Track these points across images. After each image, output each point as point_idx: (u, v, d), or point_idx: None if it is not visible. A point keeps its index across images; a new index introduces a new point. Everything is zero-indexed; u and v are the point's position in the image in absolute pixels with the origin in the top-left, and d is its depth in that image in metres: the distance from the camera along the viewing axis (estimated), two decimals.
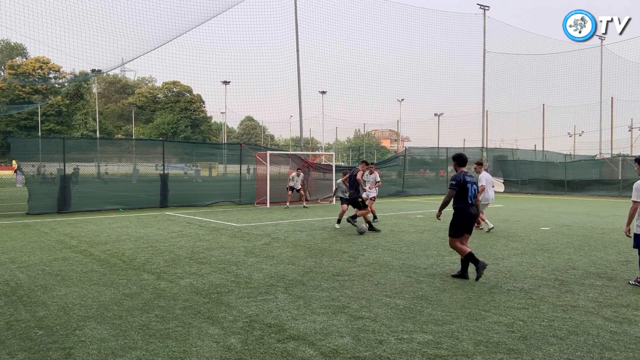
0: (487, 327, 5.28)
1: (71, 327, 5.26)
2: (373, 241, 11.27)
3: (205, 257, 9.33)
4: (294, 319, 5.54)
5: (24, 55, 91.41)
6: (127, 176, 34.58)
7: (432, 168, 34.04)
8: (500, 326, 5.32)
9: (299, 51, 26.29)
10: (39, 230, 13.25)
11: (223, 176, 38.17)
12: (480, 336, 5.01)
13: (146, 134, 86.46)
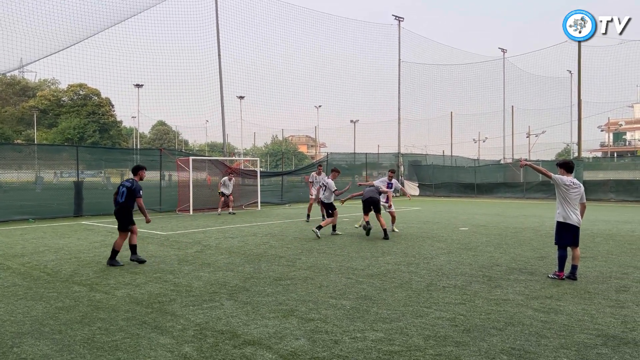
0: (432, 323, 5.57)
1: (6, 344, 4.89)
2: (307, 245, 11.39)
3: (136, 266, 8.98)
4: (245, 325, 5.52)
5: None
6: (29, 184, 32.27)
7: (352, 173, 34.88)
8: (443, 321, 5.63)
9: (220, 55, 25.97)
10: None
11: None
12: (428, 331, 5.28)
13: (50, 139, 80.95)
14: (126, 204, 9.26)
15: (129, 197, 9.23)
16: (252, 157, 36.49)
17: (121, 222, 9.32)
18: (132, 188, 9.25)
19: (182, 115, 77.52)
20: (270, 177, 30.12)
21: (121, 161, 31.48)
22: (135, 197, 9.22)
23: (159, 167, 22.88)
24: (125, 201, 9.24)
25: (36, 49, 23.25)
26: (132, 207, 9.34)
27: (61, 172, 34.70)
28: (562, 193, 7.68)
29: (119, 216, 9.30)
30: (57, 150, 37.44)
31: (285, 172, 31.47)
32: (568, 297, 6.66)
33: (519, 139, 56.30)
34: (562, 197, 7.69)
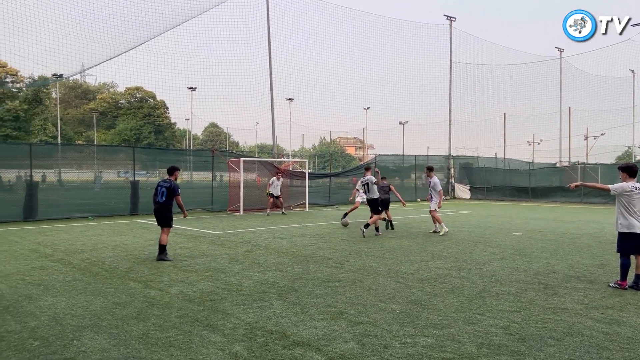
0: (485, 330, 5.41)
1: (67, 337, 5.11)
2: (355, 247, 11.35)
3: (189, 264, 9.20)
4: (294, 326, 5.53)
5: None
6: (89, 183, 33.70)
7: (400, 175, 34.52)
8: (497, 329, 5.46)
9: (271, 58, 26.29)
10: (8, 239, 12.76)
11: (189, 183, 37.68)
12: (481, 339, 5.13)
13: (108, 140, 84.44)
14: (166, 203, 9.84)
15: (168, 196, 9.80)
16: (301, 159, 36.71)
17: (163, 219, 9.84)
18: (172, 187, 9.82)
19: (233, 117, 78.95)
20: (318, 178, 30.23)
21: (175, 162, 32.33)
22: (174, 195, 9.82)
23: (211, 168, 23.41)
24: (165, 200, 9.81)
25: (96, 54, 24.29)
26: (171, 205, 9.92)
27: (118, 172, 36.11)
28: (624, 201, 7.29)
29: (161, 214, 9.85)
30: (115, 151, 38.98)
31: (333, 174, 31.50)
32: (631, 308, 6.32)
33: (576, 142, 54.04)
34: (625, 205, 7.29)
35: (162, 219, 9.83)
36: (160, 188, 9.86)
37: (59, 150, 30.72)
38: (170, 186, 9.80)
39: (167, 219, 9.81)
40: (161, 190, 9.83)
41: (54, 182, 28.03)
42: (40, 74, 72.73)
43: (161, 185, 9.90)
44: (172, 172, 10.12)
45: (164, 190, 9.80)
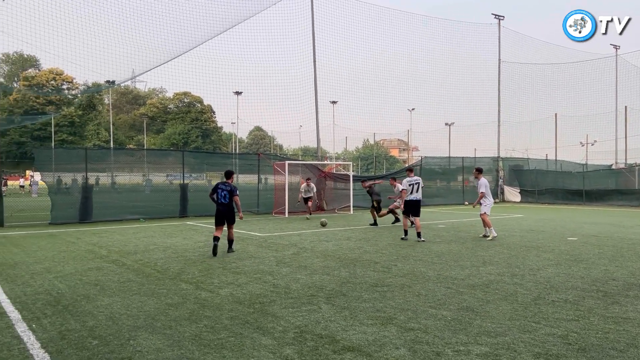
0: (541, 339, 5.21)
1: (124, 337, 5.26)
2: (402, 251, 11.21)
3: (237, 267, 9.32)
4: (344, 330, 5.50)
5: (37, 67, 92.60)
6: (140, 186, 34.78)
7: (447, 178, 33.94)
8: (555, 338, 5.25)
9: (316, 61, 26.40)
10: (65, 240, 13.31)
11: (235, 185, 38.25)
12: (538, 348, 4.94)
13: (157, 144, 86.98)
14: (230, 204, 10.81)
15: (230, 197, 10.71)
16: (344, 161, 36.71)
17: (230, 218, 10.89)
18: (232, 190, 10.81)
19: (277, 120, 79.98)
20: (362, 181, 30.06)
21: (222, 165, 32.99)
22: (233, 196, 10.75)
23: (257, 171, 23.71)
24: (229, 202, 10.77)
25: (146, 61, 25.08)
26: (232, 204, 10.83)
27: (167, 175, 37.11)
28: None
29: (227, 214, 10.81)
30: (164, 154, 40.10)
31: (377, 177, 31.30)
32: None
33: (634, 142, 51.63)
34: None
35: (230, 218, 10.85)
36: (222, 191, 10.75)
37: (111, 154, 31.86)
38: (230, 189, 10.77)
39: (233, 217, 10.93)
40: (223, 193, 10.75)
41: (107, 185, 29.10)
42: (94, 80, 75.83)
43: (222, 189, 10.77)
44: (230, 175, 11.09)
45: (226, 192, 10.74)
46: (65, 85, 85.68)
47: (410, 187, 13.35)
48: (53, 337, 5.24)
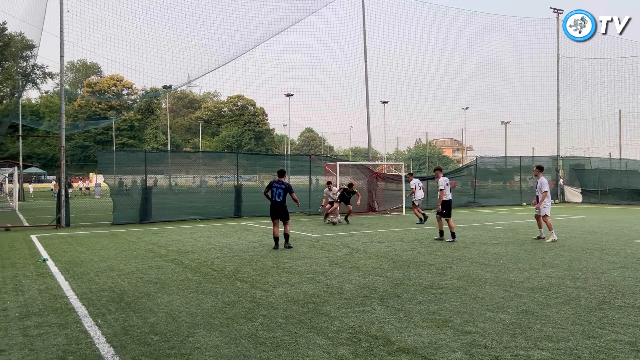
0: (607, 345, 4.97)
1: (183, 333, 5.42)
2: (457, 253, 10.98)
3: (291, 266, 9.42)
4: (398, 332, 5.45)
5: (99, 74, 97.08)
6: (195, 187, 35.78)
7: (503, 178, 32.98)
8: (622, 344, 5.00)
9: (367, 62, 26.31)
10: (127, 239, 13.87)
11: None
12: (603, 354, 4.72)
13: (212, 146, 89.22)
14: (284, 202, 11.45)
15: (284, 195, 11.39)
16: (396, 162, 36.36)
17: (285, 215, 11.44)
18: (287, 187, 11.45)
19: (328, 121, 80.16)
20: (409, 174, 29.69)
21: (274, 166, 33.48)
22: (290, 193, 11.47)
23: (308, 172, 23.87)
24: (283, 199, 11.40)
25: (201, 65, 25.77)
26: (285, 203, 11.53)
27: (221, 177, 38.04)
28: None
29: (282, 211, 11.43)
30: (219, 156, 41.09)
31: (429, 177, 30.81)
32: None
33: None
34: None
35: (284, 215, 11.43)
36: (276, 190, 11.34)
37: (168, 157, 32.94)
38: (285, 187, 11.40)
39: (287, 214, 11.51)
40: (277, 191, 11.33)
41: (164, 186, 30.12)
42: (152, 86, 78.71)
43: (276, 187, 11.36)
44: (283, 174, 11.72)
45: (281, 190, 11.34)
46: (125, 90, 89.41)
47: (447, 187, 13.19)
48: (117, 332, 5.47)
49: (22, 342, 5.16)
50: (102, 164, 21.72)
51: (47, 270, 9.27)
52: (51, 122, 66.90)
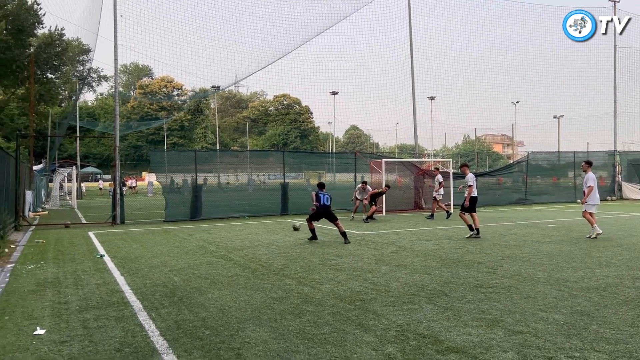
0: None
1: (233, 328, 5.55)
2: (508, 252, 10.72)
3: (337, 264, 9.45)
4: (447, 331, 5.38)
5: (150, 76, 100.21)
6: (243, 185, 36.34)
7: (556, 174, 31.84)
8: None
9: (413, 57, 25.98)
10: (179, 236, 14.28)
11: (331, 184, 38.82)
12: None
13: (259, 145, 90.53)
14: (330, 206, 12.99)
15: (330, 200, 12.99)
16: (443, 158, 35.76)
17: (332, 216, 12.78)
18: (330, 196, 13.14)
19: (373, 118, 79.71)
20: (462, 178, 29.15)
21: (319, 164, 33.77)
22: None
23: (354, 170, 23.84)
24: (330, 204, 12.95)
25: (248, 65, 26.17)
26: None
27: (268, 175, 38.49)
28: None
29: (330, 213, 12.86)
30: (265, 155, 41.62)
31: (478, 174, 30.16)
32: None
33: None
34: None
35: (332, 216, 12.85)
36: (324, 196, 12.93)
37: (217, 156, 33.64)
38: (329, 196, 13.10)
39: (333, 215, 12.92)
40: (325, 197, 12.93)
41: (213, 184, 30.77)
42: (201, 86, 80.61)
43: (324, 194, 12.96)
44: (323, 186, 13.36)
45: (328, 196, 12.99)
46: (176, 91, 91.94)
47: (475, 183, 13.34)
48: (170, 326, 5.65)
49: (82, 334, 5.42)
50: (154, 163, 22.47)
51: (104, 265, 9.68)
52: (106, 123, 69.69)
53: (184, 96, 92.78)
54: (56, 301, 6.88)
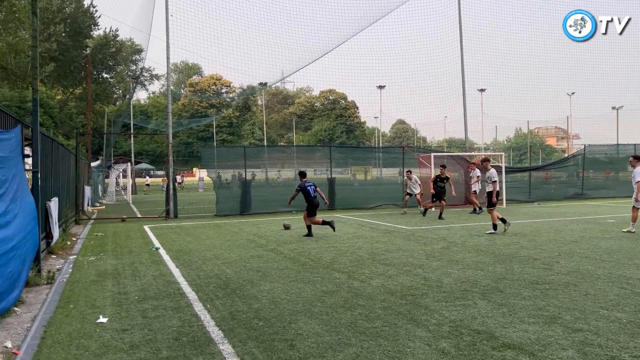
0: None
1: (285, 320, 5.62)
2: (564, 248, 10.35)
3: (386, 258, 9.40)
4: (502, 327, 5.26)
5: (200, 74, 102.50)
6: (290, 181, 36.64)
7: (615, 168, 30.46)
8: None
9: (462, 49, 25.43)
10: (229, 230, 14.58)
11: (378, 180, 38.55)
12: None
13: (305, 140, 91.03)
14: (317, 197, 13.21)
15: (315, 190, 13.19)
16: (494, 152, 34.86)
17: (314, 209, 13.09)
18: (315, 185, 13.33)
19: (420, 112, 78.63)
20: (515, 172, 28.36)
21: (365, 159, 33.59)
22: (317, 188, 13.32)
23: (401, 164, 23.60)
24: (316, 195, 13.16)
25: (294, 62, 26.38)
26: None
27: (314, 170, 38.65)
28: None
29: (315, 206, 13.08)
30: (312, 150, 41.82)
31: (532, 168, 29.25)
32: None
33: None
34: None
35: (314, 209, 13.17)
36: (310, 187, 13.16)
37: (265, 151, 34.04)
38: (313, 184, 13.32)
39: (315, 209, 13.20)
40: (312, 188, 13.17)
41: (261, 180, 31.20)
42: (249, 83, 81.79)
43: (309, 185, 13.20)
44: (305, 175, 13.66)
45: (313, 188, 13.19)
46: (224, 89, 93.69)
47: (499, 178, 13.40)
48: (225, 317, 5.79)
49: (141, 323, 5.63)
50: (205, 159, 22.97)
51: (160, 258, 10.00)
52: (158, 121, 71.85)
53: (232, 93, 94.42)
54: (116, 291, 7.18)
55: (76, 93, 58.66)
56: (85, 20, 52.86)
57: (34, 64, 8.79)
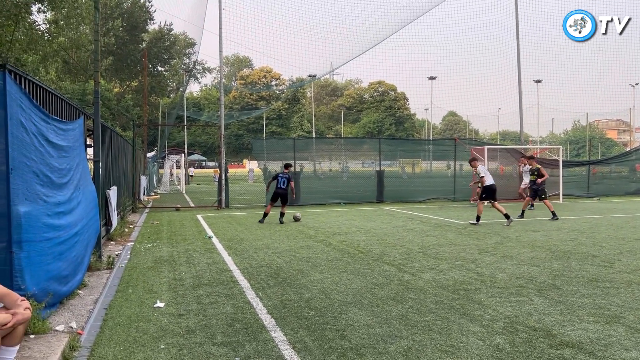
0: None
1: (336, 310, 5.65)
2: (626, 245, 9.89)
3: (437, 252, 9.27)
4: (560, 325, 5.09)
5: (250, 67, 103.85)
6: (338, 173, 36.64)
7: None
8: None
9: (519, 38, 24.59)
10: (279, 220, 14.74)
11: (427, 173, 37.93)
12: None
13: (353, 132, 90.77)
14: (287, 189, 13.77)
15: (288, 183, 13.69)
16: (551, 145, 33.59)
17: (285, 199, 13.81)
18: (289, 177, 13.82)
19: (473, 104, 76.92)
20: (573, 167, 27.27)
21: (414, 151, 33.12)
22: (290, 181, 13.83)
23: (453, 157, 23.14)
24: (287, 187, 13.70)
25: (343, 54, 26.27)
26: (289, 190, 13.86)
27: (363, 162, 38.50)
28: None
29: (285, 196, 13.80)
30: (360, 142, 41.60)
31: (592, 162, 28.04)
32: None
33: None
34: None
35: (285, 199, 13.87)
36: (281, 178, 13.70)
37: (313, 144, 34.18)
38: (288, 177, 13.79)
39: (287, 199, 14.03)
40: (282, 179, 13.68)
41: (310, 172, 31.37)
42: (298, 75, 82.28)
43: (281, 177, 13.74)
44: (288, 166, 14.45)
45: (285, 179, 13.69)
46: (274, 81, 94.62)
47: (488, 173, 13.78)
48: (276, 305, 5.88)
49: (196, 309, 5.80)
50: (256, 151, 23.31)
51: (213, 246, 10.25)
52: (210, 113, 73.42)
53: (282, 86, 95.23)
54: (172, 277, 7.42)
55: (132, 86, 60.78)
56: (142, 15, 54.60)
57: (95, 57, 9.13)
